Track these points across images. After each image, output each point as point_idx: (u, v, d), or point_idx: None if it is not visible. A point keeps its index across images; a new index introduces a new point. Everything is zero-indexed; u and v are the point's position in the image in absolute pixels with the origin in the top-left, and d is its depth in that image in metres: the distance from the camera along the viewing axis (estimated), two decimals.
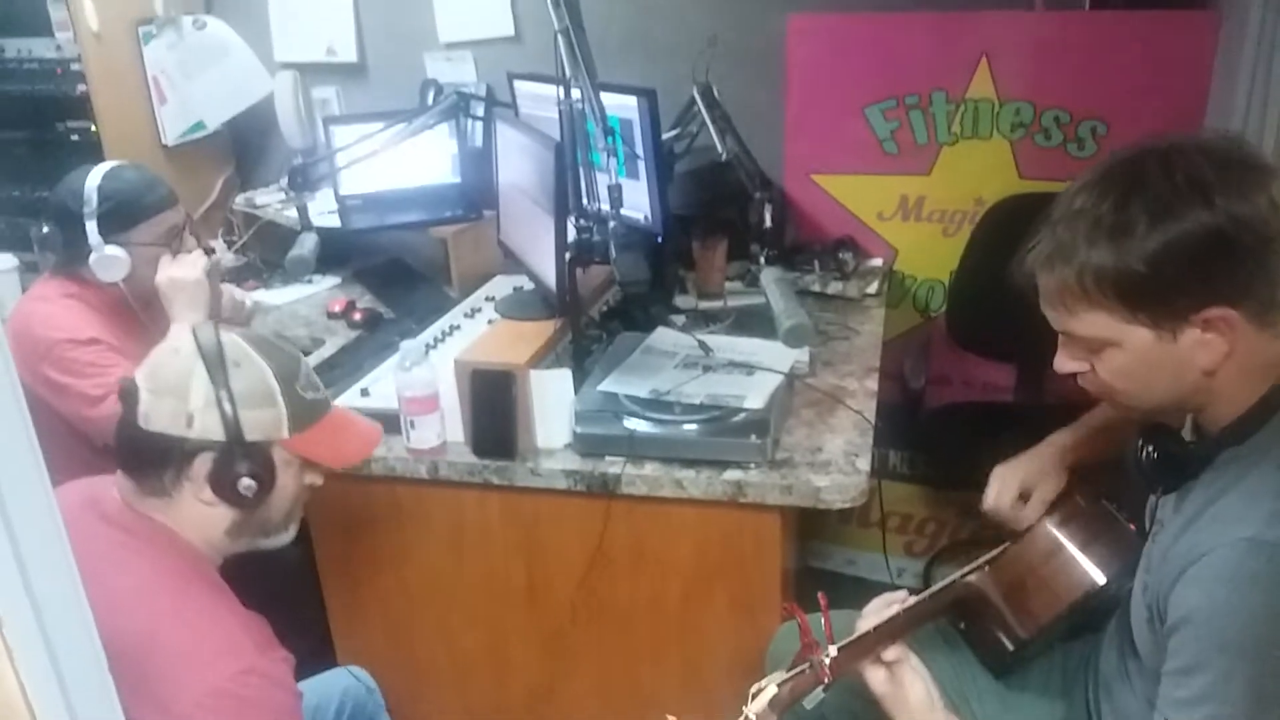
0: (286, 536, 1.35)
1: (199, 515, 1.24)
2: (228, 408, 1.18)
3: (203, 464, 1.20)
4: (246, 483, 1.21)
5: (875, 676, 1.23)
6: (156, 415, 1.19)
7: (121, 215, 1.81)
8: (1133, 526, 1.31)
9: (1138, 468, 1.15)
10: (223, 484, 1.20)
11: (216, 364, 1.19)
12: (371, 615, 1.86)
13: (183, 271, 1.84)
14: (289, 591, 1.86)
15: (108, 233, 1.79)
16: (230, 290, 1.98)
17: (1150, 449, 1.14)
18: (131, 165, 1.91)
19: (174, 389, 1.19)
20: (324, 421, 1.29)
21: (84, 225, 1.78)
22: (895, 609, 1.28)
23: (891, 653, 1.24)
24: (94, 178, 1.81)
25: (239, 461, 1.20)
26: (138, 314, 1.88)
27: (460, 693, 1.89)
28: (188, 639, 1.14)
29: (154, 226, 1.85)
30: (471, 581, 1.78)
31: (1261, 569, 0.97)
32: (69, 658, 0.63)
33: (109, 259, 1.79)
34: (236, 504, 1.23)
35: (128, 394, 1.21)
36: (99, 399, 1.71)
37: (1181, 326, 1.01)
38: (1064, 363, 1.14)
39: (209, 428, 1.19)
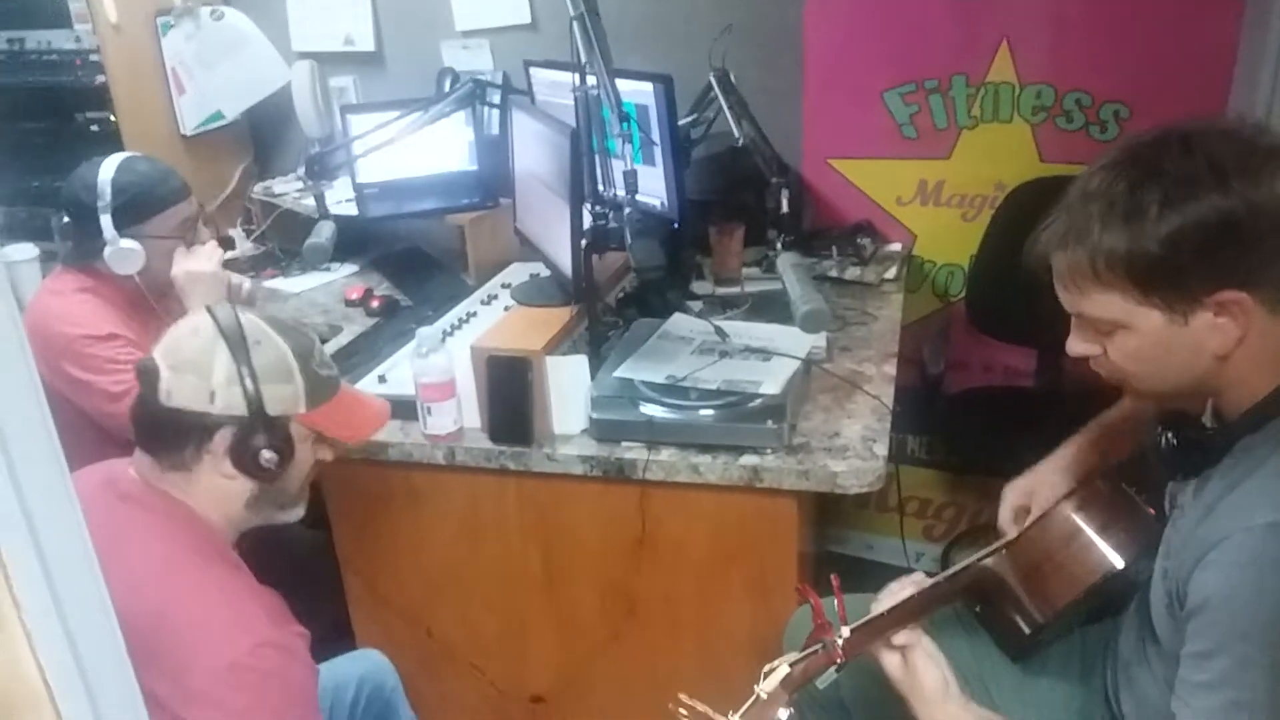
0: (299, 510, 1.39)
1: (218, 489, 1.27)
2: (250, 384, 1.22)
3: (224, 438, 1.24)
4: (268, 455, 1.25)
5: (890, 660, 1.23)
6: (179, 392, 1.22)
7: (135, 208, 1.81)
8: (1152, 511, 1.30)
9: (1157, 454, 1.15)
10: (244, 457, 1.24)
11: (238, 342, 1.23)
12: (389, 600, 1.88)
13: (198, 264, 1.85)
14: (308, 576, 1.88)
15: (121, 226, 1.79)
16: (227, 275, 1.98)
17: (1170, 435, 1.13)
18: (144, 157, 1.90)
19: (196, 366, 1.22)
20: (337, 398, 1.34)
21: (98, 218, 1.77)
22: (910, 591, 1.28)
23: (903, 637, 1.23)
24: (106, 170, 1.80)
25: (259, 435, 1.24)
26: (153, 307, 1.88)
27: (477, 677, 1.90)
28: (203, 614, 1.16)
29: (168, 219, 1.85)
30: (488, 567, 1.79)
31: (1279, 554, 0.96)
32: (87, 641, 0.63)
33: (124, 252, 1.80)
34: (257, 476, 1.27)
35: (147, 372, 1.23)
36: (120, 395, 1.71)
37: (1194, 309, 1.00)
38: (1076, 345, 1.13)
39: (231, 403, 1.22)
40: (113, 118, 2.55)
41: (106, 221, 1.78)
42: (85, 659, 0.63)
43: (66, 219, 1.83)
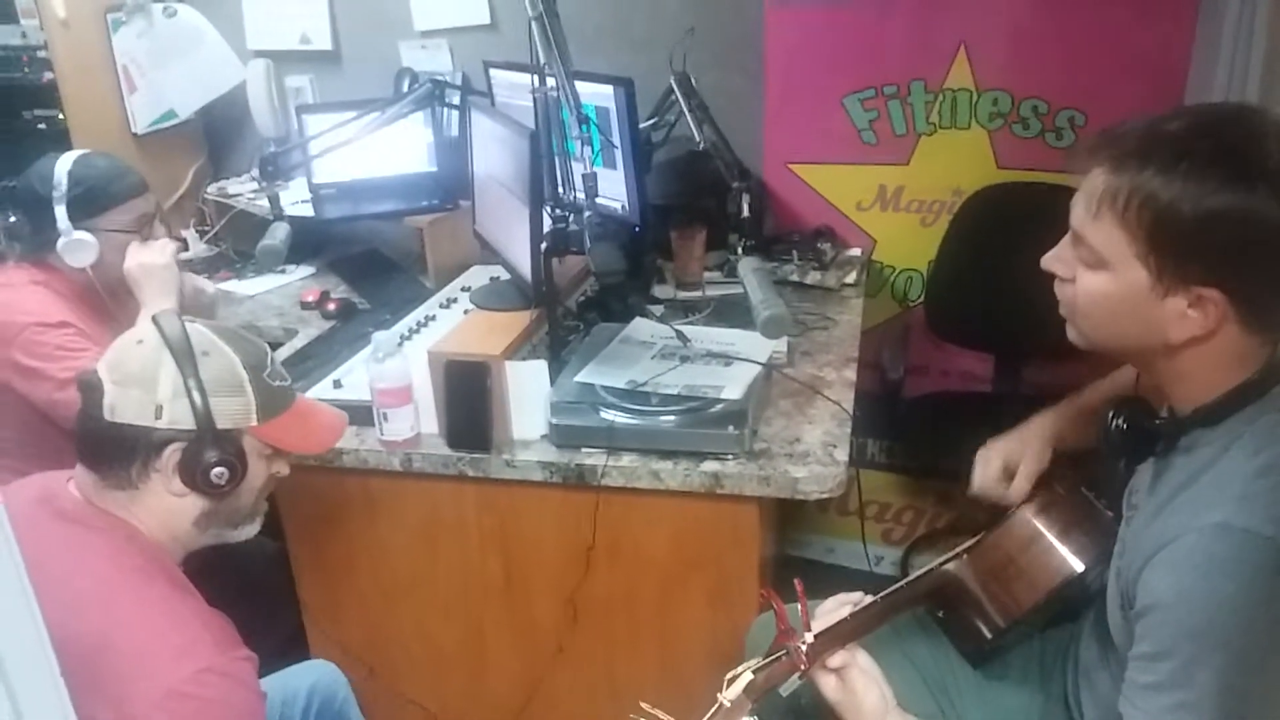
0: (252, 528, 1.34)
1: (166, 507, 1.22)
2: (197, 397, 1.17)
3: (172, 454, 1.19)
4: (218, 471, 1.20)
5: (827, 683, 1.22)
6: (123, 407, 1.17)
7: (92, 200, 1.79)
8: (1111, 515, 1.31)
9: (1105, 437, 1.14)
10: (193, 473, 1.19)
11: (185, 353, 1.18)
12: (346, 609, 1.85)
13: (151, 257, 1.83)
14: (263, 585, 1.85)
15: (77, 218, 1.78)
16: (191, 279, 1.96)
17: (1120, 420, 1.13)
18: (102, 153, 1.89)
19: (140, 380, 1.17)
20: (291, 410, 1.29)
21: (53, 210, 1.76)
22: (846, 610, 1.27)
23: (838, 659, 1.22)
24: (64, 163, 1.79)
25: (209, 450, 1.19)
26: (105, 301, 1.86)
27: (436, 686, 1.87)
28: (145, 638, 1.11)
29: (124, 213, 1.83)
30: (447, 574, 1.76)
31: (1231, 555, 0.96)
32: (18, 666, 0.60)
33: (78, 244, 1.78)
34: (207, 493, 1.22)
35: (89, 386, 1.19)
36: (68, 382, 1.68)
37: (1176, 290, 0.99)
38: (1054, 262, 1.11)
39: (178, 417, 1.17)
40: (61, 116, 2.49)
41: (61, 212, 1.76)
42: (16, 686, 0.60)
43: (13, 218, 1.81)
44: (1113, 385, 1.39)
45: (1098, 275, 1.05)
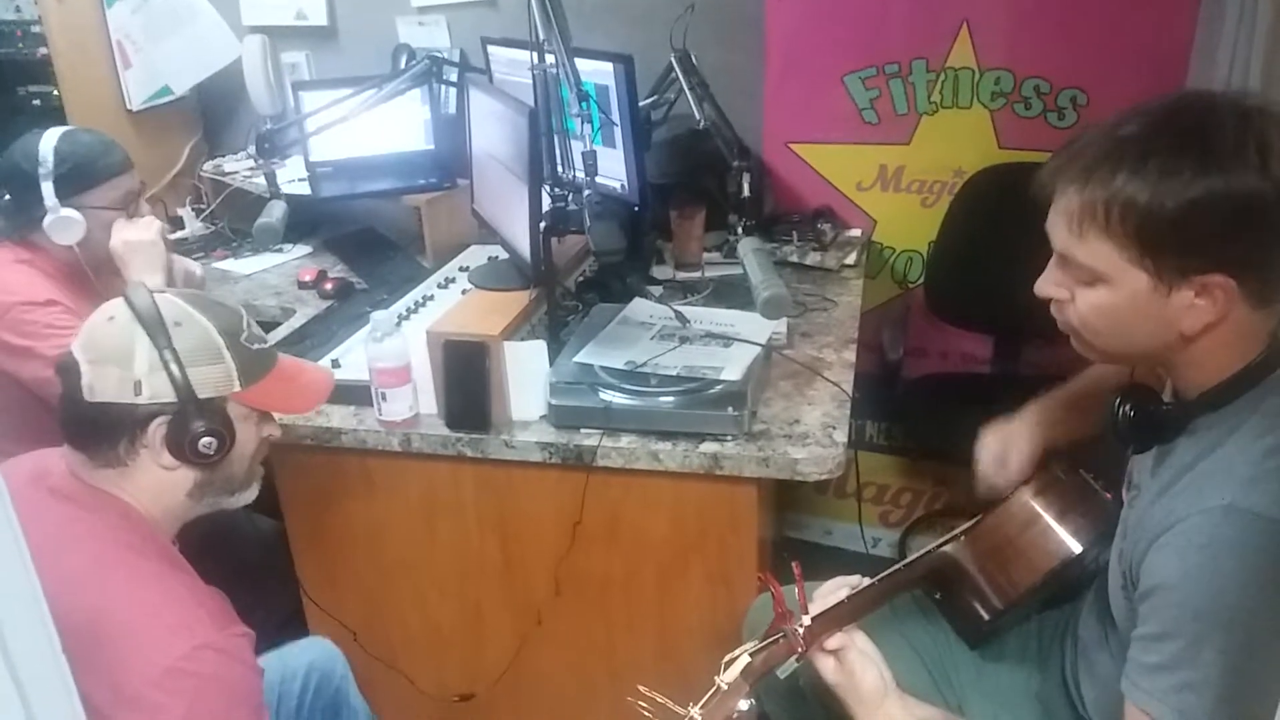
0: (249, 494, 1.33)
1: (158, 482, 1.21)
2: (175, 368, 1.16)
3: (158, 429, 1.18)
4: (206, 441, 1.18)
5: (825, 665, 1.22)
6: (101, 386, 1.16)
7: (78, 177, 1.78)
8: (1109, 496, 1.31)
9: (1113, 424, 1.14)
10: (181, 446, 1.18)
11: (157, 326, 1.16)
12: (344, 588, 1.85)
13: (137, 233, 1.83)
14: (260, 564, 1.85)
15: (63, 195, 1.77)
16: (182, 261, 1.97)
17: (1127, 407, 1.12)
18: (87, 129, 1.88)
19: (116, 357, 1.16)
20: (274, 372, 1.28)
21: (39, 188, 1.75)
22: (844, 593, 1.26)
23: (836, 640, 1.22)
24: (49, 140, 1.78)
25: (195, 420, 1.18)
26: (91, 279, 1.85)
27: (434, 665, 1.88)
28: (140, 616, 1.11)
29: (110, 190, 1.83)
30: (445, 554, 1.76)
31: (1236, 537, 0.96)
32: (21, 646, 0.60)
33: (65, 221, 1.77)
34: (198, 464, 1.21)
35: (66, 369, 1.17)
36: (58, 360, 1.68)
37: (1179, 284, 0.99)
38: (1047, 286, 1.10)
39: (159, 391, 1.16)
40: (56, 92, 2.47)
41: (48, 189, 1.76)
42: (17, 661, 0.60)
43: (7, 195, 1.79)
44: (1102, 372, 1.38)
45: (1096, 291, 1.04)
